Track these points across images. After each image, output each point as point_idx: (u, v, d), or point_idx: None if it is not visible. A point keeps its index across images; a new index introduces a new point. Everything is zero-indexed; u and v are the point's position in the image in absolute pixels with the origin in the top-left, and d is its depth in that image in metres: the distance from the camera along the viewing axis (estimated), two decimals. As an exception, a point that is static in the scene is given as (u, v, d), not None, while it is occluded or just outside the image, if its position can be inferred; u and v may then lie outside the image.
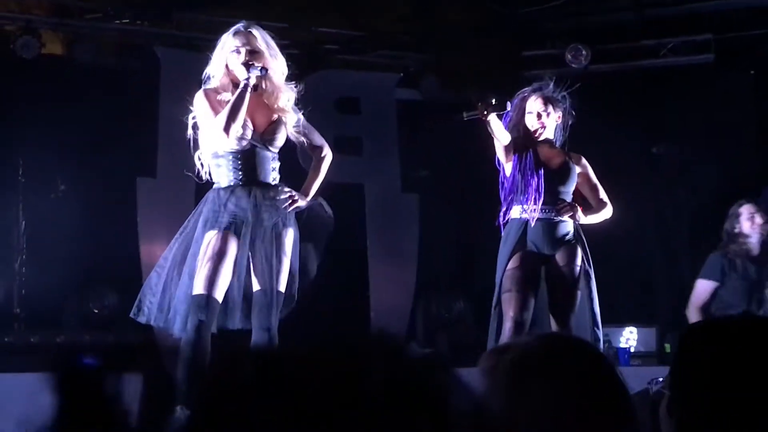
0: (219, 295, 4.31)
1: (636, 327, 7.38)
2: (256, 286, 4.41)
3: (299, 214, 4.55)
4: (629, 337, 7.35)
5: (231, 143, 4.42)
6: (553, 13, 7.92)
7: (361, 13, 8.22)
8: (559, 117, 5.19)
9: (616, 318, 7.14)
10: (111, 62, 7.56)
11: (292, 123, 4.54)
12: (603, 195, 5.29)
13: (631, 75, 8.06)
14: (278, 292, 4.42)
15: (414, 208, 8.15)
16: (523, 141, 5.12)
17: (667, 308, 7.34)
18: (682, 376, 1.71)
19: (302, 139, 4.66)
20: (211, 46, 4.62)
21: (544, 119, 5.14)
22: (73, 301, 6.80)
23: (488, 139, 5.24)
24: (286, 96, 4.53)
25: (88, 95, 7.16)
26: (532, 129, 5.13)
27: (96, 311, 6.78)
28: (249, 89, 4.34)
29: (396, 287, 7.95)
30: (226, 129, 4.31)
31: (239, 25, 4.48)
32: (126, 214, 7.18)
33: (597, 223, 5.29)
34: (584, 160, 5.28)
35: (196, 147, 4.52)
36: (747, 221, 6.05)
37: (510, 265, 4.99)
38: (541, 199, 5.01)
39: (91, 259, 6.95)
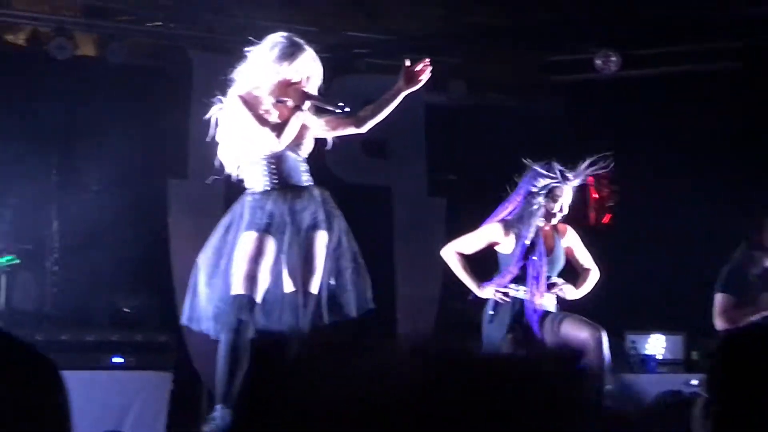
0: (258, 295, 4.36)
1: (663, 334, 7.34)
2: (289, 288, 4.45)
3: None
4: (656, 345, 7.31)
5: (264, 149, 4.49)
6: (582, 18, 7.91)
7: (389, 17, 8.23)
8: None
9: (642, 325, 7.11)
10: (143, 63, 7.62)
11: (316, 127, 4.63)
12: (590, 262, 5.38)
13: (660, 81, 8.04)
14: (310, 293, 4.45)
15: (441, 213, 8.15)
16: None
17: (696, 316, 7.30)
18: (723, 381, 1.72)
19: (332, 128, 4.75)
20: (246, 48, 4.64)
21: (564, 208, 5.22)
22: (103, 300, 6.86)
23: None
24: (308, 102, 4.66)
25: (120, 96, 7.22)
26: (550, 215, 5.23)
27: (126, 310, 6.83)
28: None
29: (422, 291, 7.95)
30: (280, 140, 4.42)
31: (307, 48, 4.54)
32: (157, 214, 7.24)
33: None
34: (570, 230, 5.36)
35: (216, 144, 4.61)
36: None
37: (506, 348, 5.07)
38: (541, 286, 5.15)
39: (122, 259, 7.00)
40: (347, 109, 4.53)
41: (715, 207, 7.73)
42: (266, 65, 4.49)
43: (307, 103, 4.52)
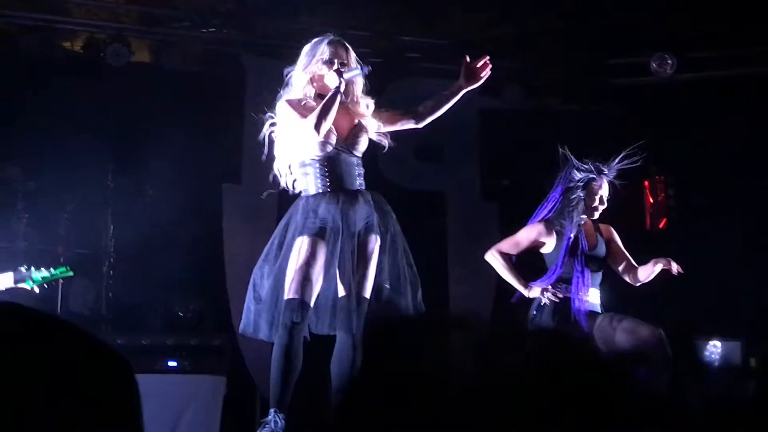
0: (311, 299, 4.38)
1: (720, 341, 7.24)
2: (341, 292, 4.46)
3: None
4: (713, 351, 7.21)
5: (316, 150, 4.51)
6: (637, 21, 7.84)
7: (443, 21, 8.22)
8: None
9: (699, 330, 7.01)
10: (198, 69, 7.69)
11: (373, 129, 4.65)
12: (632, 260, 5.37)
13: (716, 83, 7.94)
14: (363, 297, 4.46)
15: (494, 217, 8.11)
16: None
17: (754, 322, 7.19)
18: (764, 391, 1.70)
19: (391, 124, 4.74)
20: (295, 54, 4.72)
21: (603, 201, 5.28)
22: (158, 304, 6.93)
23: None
24: (365, 103, 4.68)
25: (175, 102, 7.29)
26: (590, 210, 5.24)
27: (181, 314, 6.89)
28: (339, 95, 4.45)
29: (476, 296, 7.92)
30: (317, 127, 4.41)
31: (330, 37, 4.59)
32: (211, 219, 7.29)
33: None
34: (612, 231, 5.38)
35: (273, 157, 4.65)
36: None
37: None
38: (587, 287, 5.13)
39: (177, 263, 7.07)
40: (369, 68, 4.54)
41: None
42: (301, 67, 4.58)
43: (344, 85, 4.48)
